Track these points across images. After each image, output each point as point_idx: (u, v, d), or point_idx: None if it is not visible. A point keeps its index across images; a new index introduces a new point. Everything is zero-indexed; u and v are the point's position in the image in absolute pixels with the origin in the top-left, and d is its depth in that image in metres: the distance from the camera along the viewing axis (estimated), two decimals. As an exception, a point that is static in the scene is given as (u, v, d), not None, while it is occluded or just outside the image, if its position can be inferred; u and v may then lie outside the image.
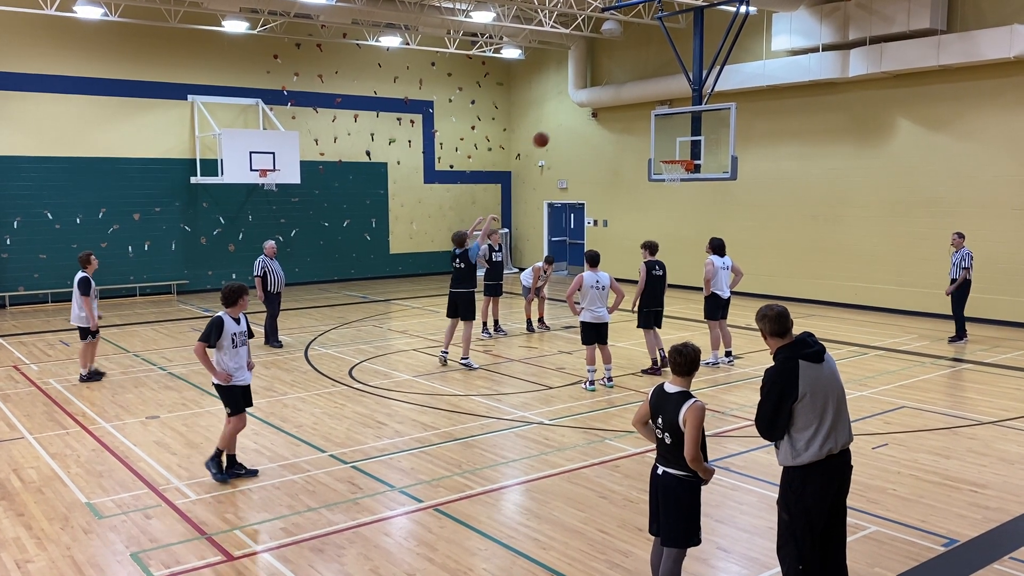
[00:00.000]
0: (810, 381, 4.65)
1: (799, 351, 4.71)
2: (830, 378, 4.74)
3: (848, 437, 4.80)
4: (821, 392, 4.67)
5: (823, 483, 4.70)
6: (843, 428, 4.75)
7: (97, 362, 11.93)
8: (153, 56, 20.39)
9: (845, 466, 4.81)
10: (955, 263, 13.91)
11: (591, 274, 10.99)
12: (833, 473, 4.74)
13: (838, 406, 4.74)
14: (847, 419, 4.80)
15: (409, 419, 9.77)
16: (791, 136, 19.18)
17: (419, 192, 25.26)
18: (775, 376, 4.71)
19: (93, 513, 6.91)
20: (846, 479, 4.84)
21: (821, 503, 4.71)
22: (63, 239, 19.53)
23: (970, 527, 6.59)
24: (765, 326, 4.81)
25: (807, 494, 4.70)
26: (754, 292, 19.18)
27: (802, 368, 4.65)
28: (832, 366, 4.80)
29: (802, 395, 4.63)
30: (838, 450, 4.72)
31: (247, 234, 21.77)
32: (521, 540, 6.38)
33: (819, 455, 4.66)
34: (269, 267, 14.00)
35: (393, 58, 24.14)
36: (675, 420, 4.86)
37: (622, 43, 22.53)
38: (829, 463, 4.70)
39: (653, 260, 11.90)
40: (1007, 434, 9.08)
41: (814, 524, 4.72)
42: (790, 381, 4.64)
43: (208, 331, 7.45)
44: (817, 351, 4.72)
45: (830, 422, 4.68)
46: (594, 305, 10.95)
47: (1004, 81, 15.67)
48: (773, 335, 4.80)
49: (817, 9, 17.52)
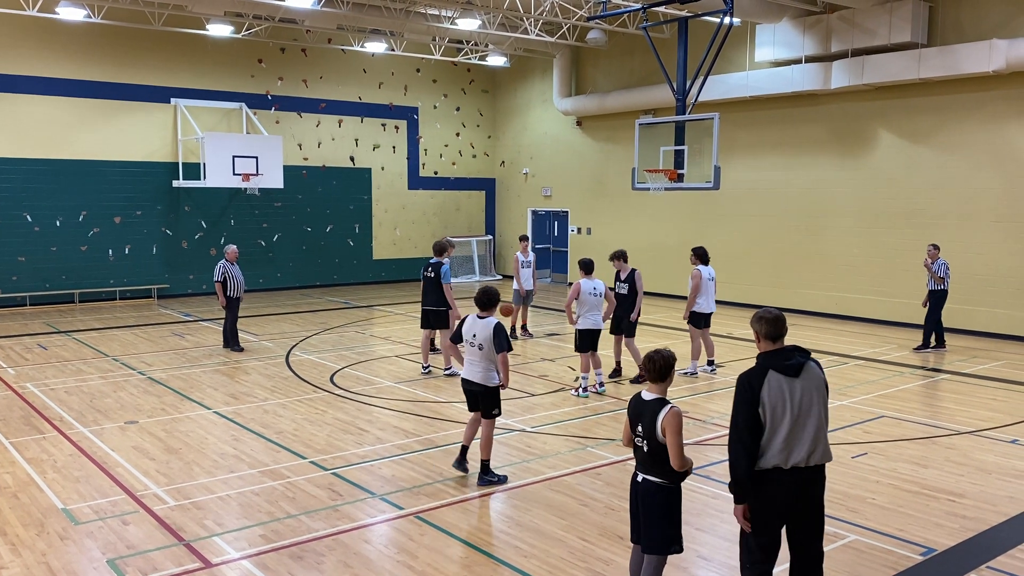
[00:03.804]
0: (775, 392, 4.61)
1: (774, 361, 4.69)
2: (803, 394, 4.63)
3: (816, 456, 4.65)
4: (783, 405, 4.60)
5: (771, 494, 4.65)
6: (802, 445, 4.61)
7: (75, 367, 11.79)
8: (136, 59, 20.27)
9: (804, 483, 4.68)
10: (934, 274, 14.04)
11: (588, 281, 11.08)
12: (786, 487, 4.64)
13: (799, 422, 4.61)
14: (813, 438, 4.63)
15: (391, 426, 9.74)
16: (773, 147, 19.32)
17: (403, 198, 25.22)
18: (741, 380, 4.73)
19: (69, 519, 6.84)
20: (804, 498, 4.71)
21: (766, 513, 4.68)
22: (43, 242, 19.35)
23: (947, 536, 6.64)
24: (760, 328, 4.81)
25: (756, 505, 4.70)
26: (736, 301, 19.28)
27: (770, 377, 4.63)
28: (814, 384, 4.69)
29: (762, 403, 4.61)
30: (788, 466, 4.60)
31: (229, 238, 21.63)
32: (502, 548, 6.36)
33: (765, 465, 4.63)
34: (229, 272, 13.92)
35: (378, 64, 24.13)
36: (653, 428, 4.87)
37: (607, 52, 22.64)
38: (780, 476, 4.62)
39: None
40: (984, 444, 9.16)
41: (759, 533, 4.70)
42: (752, 387, 4.64)
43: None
44: (795, 365, 4.66)
45: (783, 436, 4.59)
46: (592, 312, 11.02)
47: (983, 95, 15.86)
48: (766, 338, 4.79)
49: (800, 21, 17.67)
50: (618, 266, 11.92)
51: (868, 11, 16.53)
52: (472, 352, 7.59)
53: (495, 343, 7.43)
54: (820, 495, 4.80)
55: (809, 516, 4.79)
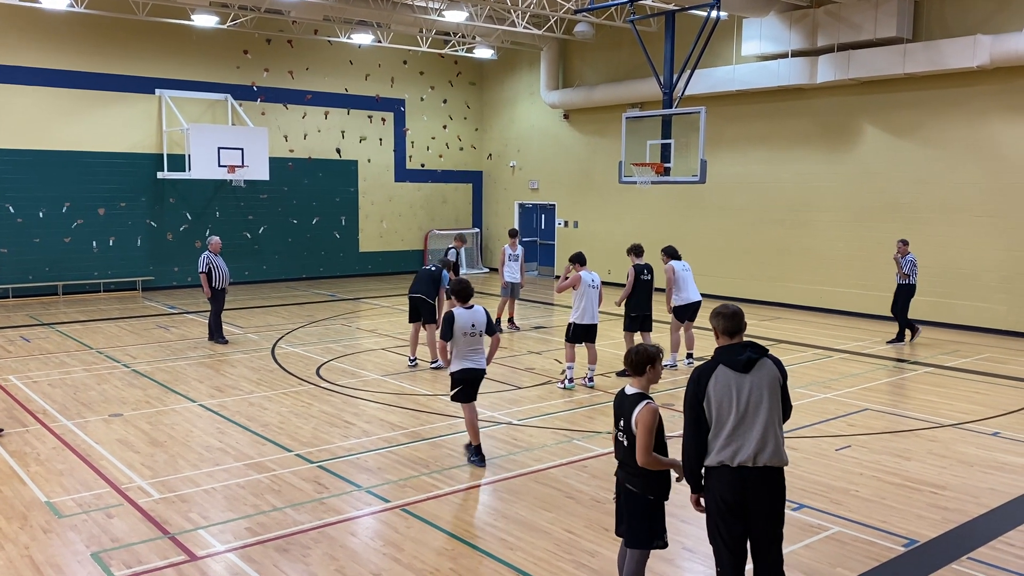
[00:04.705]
0: (721, 387, 4.60)
1: (725, 356, 4.68)
2: (752, 391, 4.58)
3: (764, 455, 4.55)
4: (729, 400, 4.58)
5: (720, 491, 4.63)
6: (749, 443, 4.54)
7: (59, 359, 11.71)
8: (121, 49, 20.09)
9: (753, 483, 4.57)
10: (900, 269, 14.23)
11: (587, 274, 11.17)
12: (735, 485, 4.58)
13: (746, 419, 4.55)
14: (761, 436, 4.55)
15: (377, 419, 9.73)
16: (759, 141, 19.38)
17: (390, 190, 25.15)
18: (692, 374, 4.75)
19: (53, 512, 6.80)
20: (755, 499, 4.59)
21: (719, 510, 4.66)
22: (26, 233, 19.18)
23: (930, 528, 6.70)
24: (718, 323, 4.81)
25: (708, 499, 4.73)
26: (722, 294, 19.34)
27: (718, 371, 4.63)
28: (766, 381, 4.61)
29: (708, 397, 4.61)
30: (735, 464, 4.55)
31: (214, 231, 21.48)
32: (488, 540, 6.38)
33: (713, 461, 4.62)
34: (214, 263, 13.88)
35: (365, 56, 24.02)
36: (629, 422, 4.89)
37: (594, 45, 22.61)
38: (727, 472, 4.58)
39: (641, 264, 11.92)
40: (966, 436, 9.25)
41: (719, 530, 4.70)
42: (699, 381, 4.66)
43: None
44: (744, 360, 4.61)
45: (727, 431, 4.57)
46: (589, 305, 11.06)
47: (967, 90, 15.96)
48: (723, 333, 4.79)
49: (787, 15, 17.72)
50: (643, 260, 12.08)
51: (854, 5, 16.59)
52: (475, 341, 8.00)
53: (488, 328, 8.05)
54: (774, 500, 4.66)
55: (762, 520, 4.64)
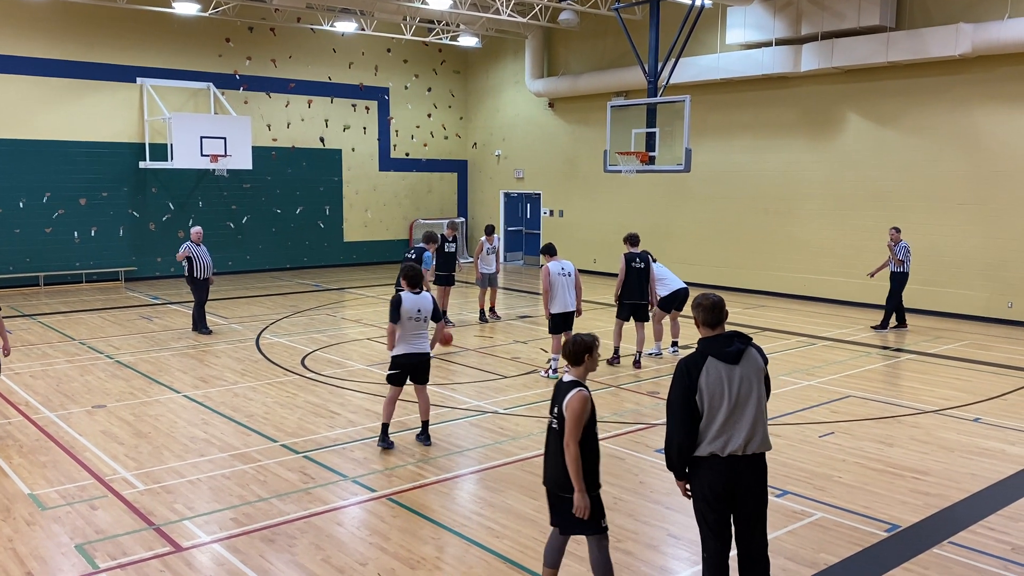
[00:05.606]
0: (713, 379, 4.60)
1: (714, 347, 4.68)
2: (741, 381, 4.62)
3: (754, 444, 4.62)
4: (721, 392, 4.60)
5: (709, 480, 4.66)
6: (739, 433, 4.59)
7: (41, 350, 11.60)
8: (101, 37, 19.86)
9: (742, 471, 4.63)
10: (895, 256, 14.32)
11: (555, 263, 11.04)
12: (723, 474, 4.63)
13: (737, 410, 4.60)
14: (751, 425, 4.61)
15: (363, 409, 9.72)
16: (744, 129, 19.42)
17: (374, 179, 25.05)
18: (680, 366, 4.73)
19: (36, 504, 6.76)
20: (743, 485, 4.65)
21: (706, 497, 4.70)
22: (5, 224, 18.99)
23: (912, 513, 6.77)
24: (698, 315, 4.81)
25: (695, 487, 4.75)
26: (706, 283, 19.41)
27: (708, 364, 4.63)
28: (753, 371, 4.67)
29: (699, 390, 4.61)
30: (725, 454, 4.59)
31: (197, 220, 21.35)
32: (474, 528, 6.40)
33: (703, 452, 4.64)
34: (195, 253, 13.79)
35: (348, 44, 23.87)
36: (562, 408, 4.85)
37: (579, 34, 22.56)
38: (717, 462, 4.62)
39: (633, 253, 11.72)
40: (948, 423, 9.34)
41: (706, 516, 4.73)
42: (690, 374, 4.64)
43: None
44: (734, 352, 4.64)
45: (719, 423, 4.60)
46: (563, 294, 10.98)
47: (950, 78, 16.04)
48: (704, 324, 4.78)
49: (771, 4, 17.73)
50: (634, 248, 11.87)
51: (838, -6, 16.63)
52: (419, 327, 8.15)
53: (434, 314, 8.25)
54: (760, 485, 4.74)
55: (749, 506, 4.71)
